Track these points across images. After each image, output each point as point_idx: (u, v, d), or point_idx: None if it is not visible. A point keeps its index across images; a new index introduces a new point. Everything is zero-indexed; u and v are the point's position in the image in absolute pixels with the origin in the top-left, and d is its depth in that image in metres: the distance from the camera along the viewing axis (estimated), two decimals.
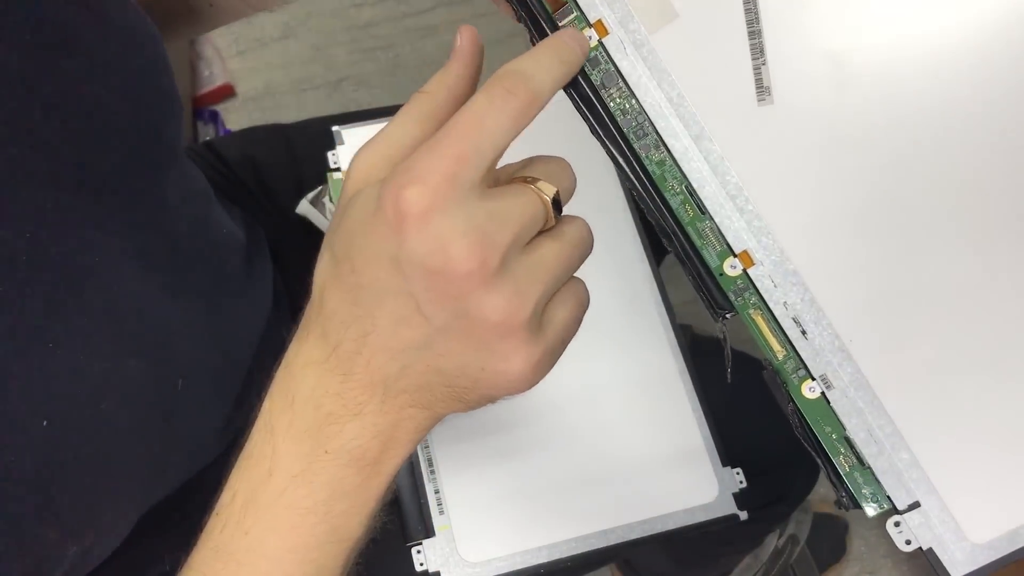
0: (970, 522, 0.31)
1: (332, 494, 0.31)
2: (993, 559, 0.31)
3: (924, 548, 0.31)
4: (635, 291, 0.58)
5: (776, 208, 0.31)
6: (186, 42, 1.29)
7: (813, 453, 0.33)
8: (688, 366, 0.56)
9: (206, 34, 1.35)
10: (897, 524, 0.32)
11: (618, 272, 0.59)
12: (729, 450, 0.54)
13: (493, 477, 0.53)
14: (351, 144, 0.62)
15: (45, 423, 0.32)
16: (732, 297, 0.32)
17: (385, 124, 0.31)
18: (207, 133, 1.29)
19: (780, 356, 0.32)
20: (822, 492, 1.07)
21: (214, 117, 1.30)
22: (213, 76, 1.32)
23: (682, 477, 0.53)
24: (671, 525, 0.52)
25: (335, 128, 0.62)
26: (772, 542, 0.94)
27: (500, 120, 0.27)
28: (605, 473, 0.53)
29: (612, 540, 0.51)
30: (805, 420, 0.32)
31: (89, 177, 0.37)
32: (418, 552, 0.50)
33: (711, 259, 0.32)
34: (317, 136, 0.64)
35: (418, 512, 0.51)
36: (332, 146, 0.61)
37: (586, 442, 0.54)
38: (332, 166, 0.61)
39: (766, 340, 0.32)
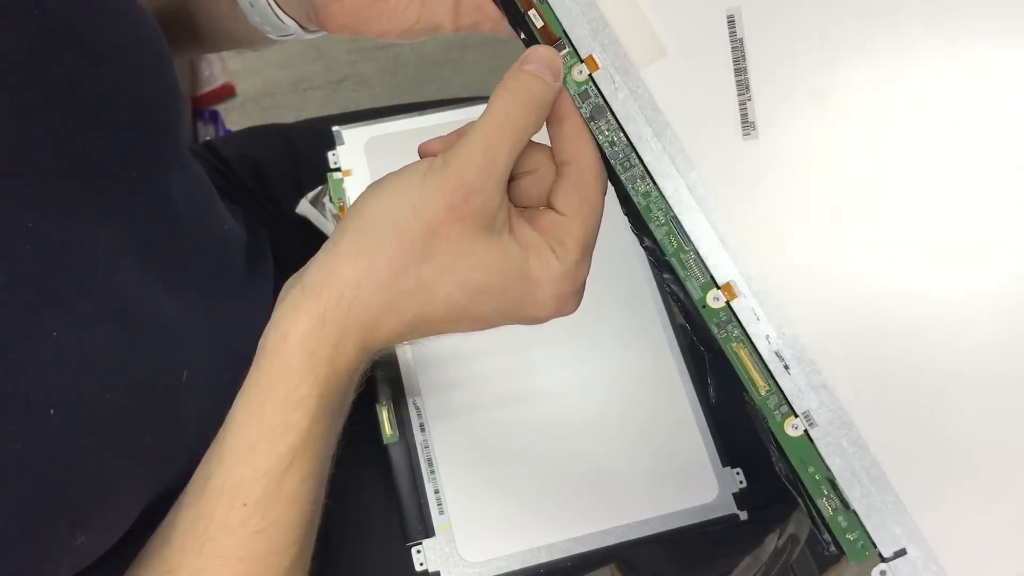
0: (959, 573, 0.30)
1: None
2: None
3: None
4: (634, 291, 0.58)
5: (760, 241, 0.31)
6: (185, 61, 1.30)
7: (796, 494, 0.32)
8: (688, 366, 0.57)
9: None
10: (883, 573, 0.31)
11: (618, 273, 0.59)
12: (729, 450, 0.54)
13: (493, 477, 0.53)
14: (351, 144, 0.62)
15: (52, 411, 0.32)
16: (715, 330, 0.31)
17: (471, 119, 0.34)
18: (207, 133, 1.29)
19: (763, 391, 0.31)
20: None
21: (214, 117, 1.30)
22: (213, 76, 1.32)
23: (682, 477, 0.53)
24: (671, 525, 0.52)
25: (335, 128, 0.62)
26: (772, 542, 0.94)
27: None
28: (605, 473, 0.53)
29: (612, 540, 0.51)
30: (788, 459, 0.31)
31: (93, 168, 0.37)
32: (418, 552, 0.50)
33: (694, 291, 0.32)
34: (317, 136, 0.64)
35: (418, 512, 0.51)
36: (332, 146, 0.61)
37: (586, 442, 0.54)
38: (332, 166, 0.61)
39: (749, 375, 0.31)
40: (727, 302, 0.31)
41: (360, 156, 0.61)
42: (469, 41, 1.36)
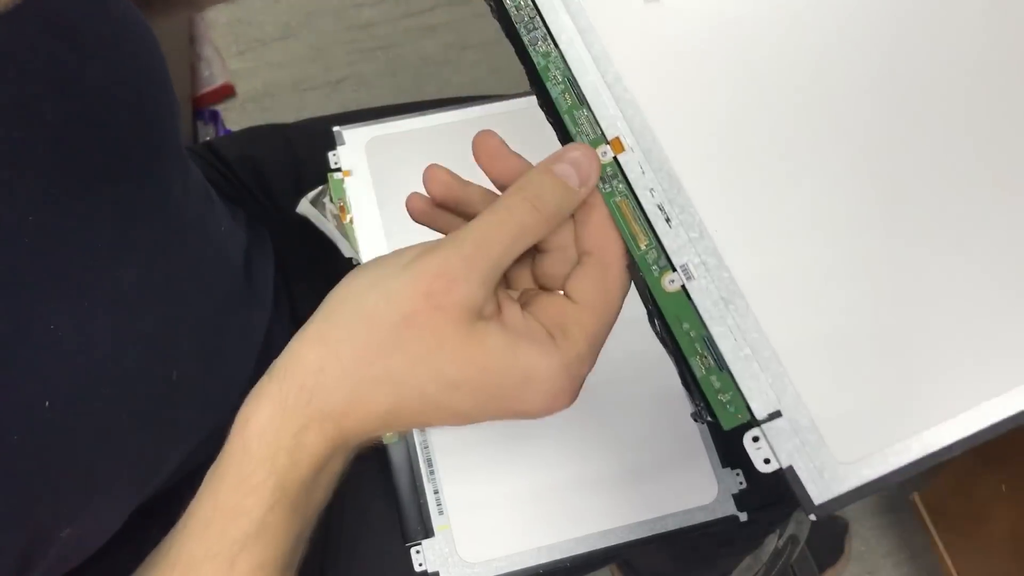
0: (837, 438, 0.28)
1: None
2: (862, 482, 0.27)
3: (783, 466, 0.28)
4: (634, 296, 0.58)
5: (654, 100, 0.31)
6: (184, 23, 1.29)
7: (670, 356, 0.31)
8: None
9: (206, 34, 1.35)
10: (756, 439, 0.28)
11: None
12: (729, 450, 0.54)
13: (492, 477, 0.53)
14: (351, 144, 0.62)
15: (47, 403, 0.32)
16: (600, 185, 0.31)
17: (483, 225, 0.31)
18: (207, 133, 1.29)
19: (643, 246, 0.30)
20: None
21: (214, 117, 1.30)
22: (213, 76, 1.31)
23: (682, 478, 0.53)
24: (671, 526, 0.52)
25: (335, 128, 0.62)
26: (772, 542, 0.94)
27: None
28: (605, 473, 0.53)
29: (612, 541, 0.51)
30: (663, 317, 0.30)
31: (91, 163, 0.37)
32: (417, 552, 0.50)
33: None
34: (317, 136, 0.64)
35: (417, 512, 0.51)
36: (332, 146, 0.61)
37: (586, 442, 0.54)
38: (332, 166, 0.61)
39: (629, 229, 0.31)
40: (614, 156, 0.31)
41: (360, 156, 0.61)
42: (469, 41, 1.36)
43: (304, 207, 0.62)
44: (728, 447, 0.54)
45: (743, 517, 0.52)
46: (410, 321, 0.29)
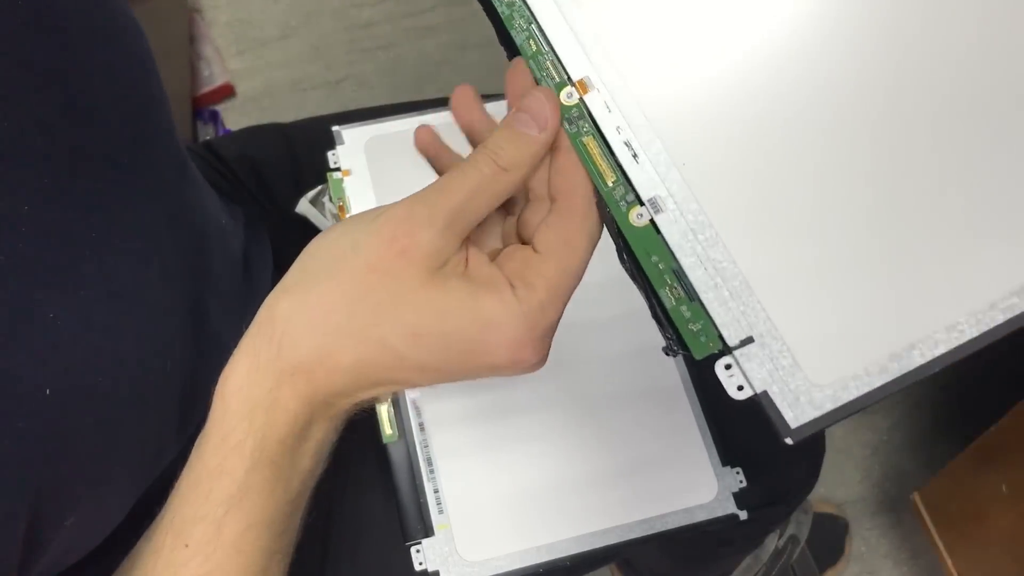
0: (811, 362, 0.28)
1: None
2: (838, 405, 0.27)
3: (757, 391, 0.28)
4: (634, 290, 0.58)
5: (620, 39, 0.31)
6: (184, 23, 1.29)
7: (640, 290, 0.31)
8: (688, 365, 0.57)
9: (206, 34, 1.35)
10: (728, 367, 0.28)
11: (617, 272, 0.59)
12: (729, 450, 0.54)
13: (492, 476, 0.53)
14: (351, 143, 0.62)
15: (48, 392, 0.33)
16: (566, 126, 0.31)
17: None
18: (207, 133, 1.29)
19: (610, 183, 0.31)
20: (822, 492, 1.08)
21: (214, 117, 1.30)
22: (213, 76, 1.32)
23: (682, 477, 0.53)
24: (671, 525, 0.52)
25: (335, 128, 0.62)
26: (772, 542, 0.94)
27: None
28: (605, 473, 0.53)
29: (611, 540, 0.51)
30: (632, 252, 0.31)
31: (81, 154, 0.37)
32: (417, 551, 0.50)
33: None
34: (317, 136, 0.64)
35: (417, 511, 0.51)
36: (332, 146, 0.61)
37: (585, 441, 0.54)
38: (332, 166, 0.61)
39: (596, 167, 0.31)
40: (580, 97, 0.31)
41: (360, 156, 0.61)
42: (469, 41, 1.36)
43: (303, 207, 0.62)
44: (728, 446, 0.54)
45: (743, 516, 0.52)
46: (374, 267, 0.30)
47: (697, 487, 0.53)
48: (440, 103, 0.66)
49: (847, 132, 0.30)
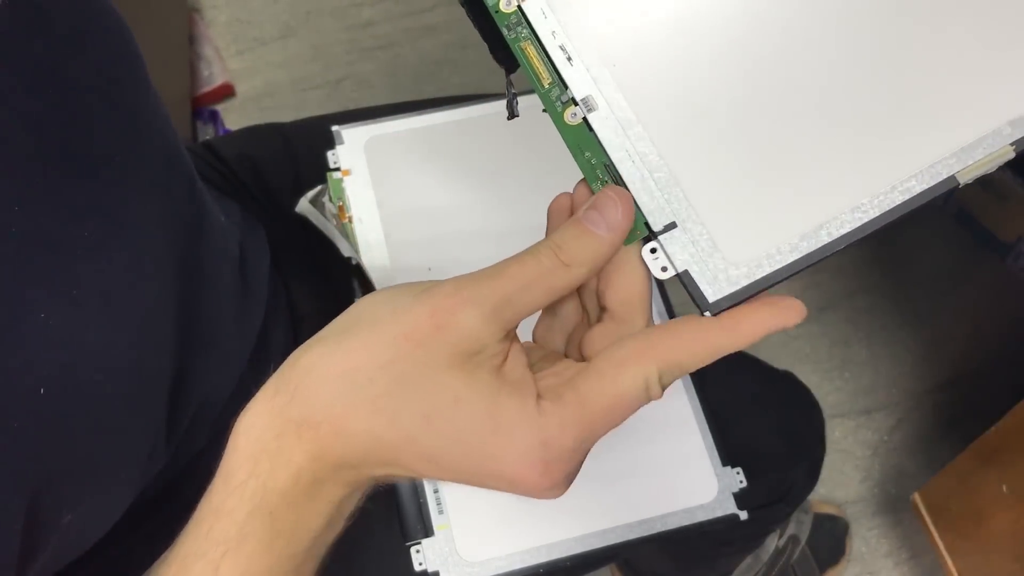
0: (728, 243, 0.30)
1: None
2: (752, 280, 0.30)
3: (679, 271, 0.30)
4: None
5: None
6: (184, 23, 1.29)
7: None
8: None
9: (205, 34, 1.35)
10: (653, 251, 0.31)
11: None
12: (729, 450, 0.54)
13: None
14: (350, 143, 0.62)
15: (43, 391, 0.33)
16: (505, 32, 0.33)
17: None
18: (207, 133, 1.29)
19: (546, 84, 0.33)
20: (822, 492, 1.08)
21: (214, 117, 1.30)
22: (213, 76, 1.32)
23: (682, 477, 0.53)
24: (671, 525, 0.52)
25: (335, 128, 0.62)
26: (772, 542, 0.94)
27: None
28: (604, 473, 0.53)
29: (612, 540, 0.51)
30: (568, 148, 0.33)
31: (71, 154, 0.37)
32: (417, 552, 0.50)
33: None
34: (316, 136, 0.64)
35: (417, 512, 0.51)
36: (332, 145, 0.61)
37: None
38: (332, 165, 0.61)
39: (534, 69, 0.33)
40: (519, 5, 0.33)
41: (359, 156, 0.61)
42: (469, 41, 1.36)
43: (303, 206, 0.62)
44: (728, 446, 0.54)
45: (743, 516, 0.52)
46: (408, 336, 0.29)
47: (697, 487, 0.53)
48: (440, 103, 0.66)
49: (764, 31, 0.32)
